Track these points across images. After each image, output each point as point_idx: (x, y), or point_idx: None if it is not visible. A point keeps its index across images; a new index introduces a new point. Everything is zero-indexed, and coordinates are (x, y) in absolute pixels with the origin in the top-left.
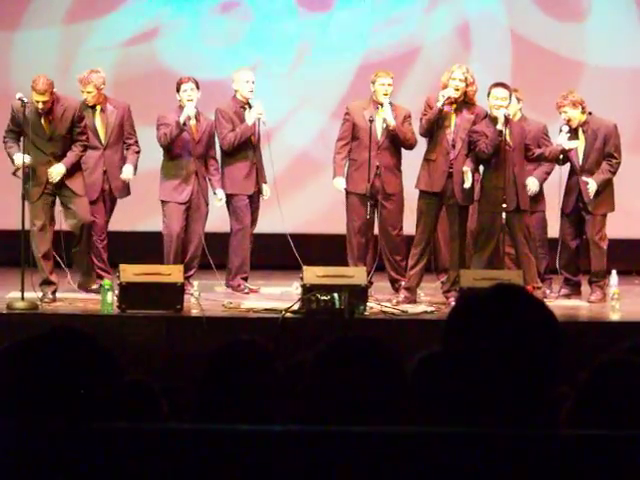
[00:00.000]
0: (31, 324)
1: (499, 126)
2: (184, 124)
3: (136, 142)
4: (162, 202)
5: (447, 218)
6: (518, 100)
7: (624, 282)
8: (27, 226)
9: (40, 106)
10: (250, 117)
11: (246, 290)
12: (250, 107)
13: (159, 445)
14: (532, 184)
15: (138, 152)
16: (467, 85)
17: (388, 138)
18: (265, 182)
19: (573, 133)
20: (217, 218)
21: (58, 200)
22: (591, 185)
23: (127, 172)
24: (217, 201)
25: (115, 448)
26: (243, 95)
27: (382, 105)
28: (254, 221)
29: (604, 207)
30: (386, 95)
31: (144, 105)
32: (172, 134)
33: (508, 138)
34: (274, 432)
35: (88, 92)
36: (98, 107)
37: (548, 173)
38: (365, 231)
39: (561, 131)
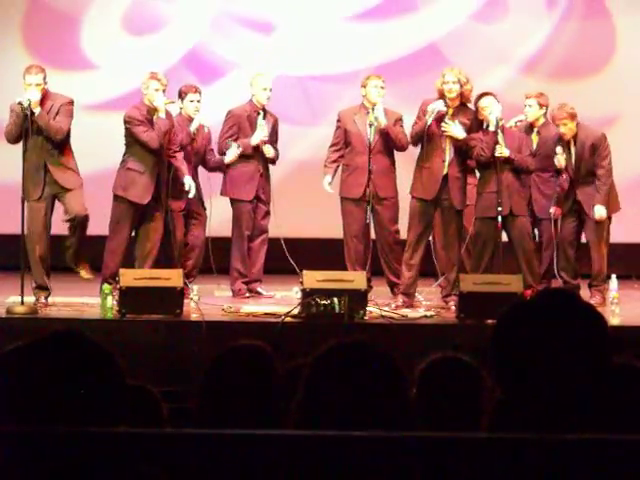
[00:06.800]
0: (31, 329)
1: (492, 128)
2: (194, 133)
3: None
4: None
5: (441, 221)
6: (540, 105)
7: (624, 286)
8: (26, 230)
9: None
10: (255, 138)
11: (247, 295)
12: (265, 112)
13: (159, 450)
14: (553, 213)
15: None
16: (461, 85)
17: (380, 140)
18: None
19: (566, 147)
20: (220, 223)
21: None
22: (597, 211)
23: None
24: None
25: (115, 453)
26: (259, 102)
27: (374, 106)
28: (264, 227)
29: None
30: (379, 96)
31: None
32: (182, 143)
33: (501, 142)
34: (274, 437)
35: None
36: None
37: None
38: (362, 235)
39: (556, 154)
